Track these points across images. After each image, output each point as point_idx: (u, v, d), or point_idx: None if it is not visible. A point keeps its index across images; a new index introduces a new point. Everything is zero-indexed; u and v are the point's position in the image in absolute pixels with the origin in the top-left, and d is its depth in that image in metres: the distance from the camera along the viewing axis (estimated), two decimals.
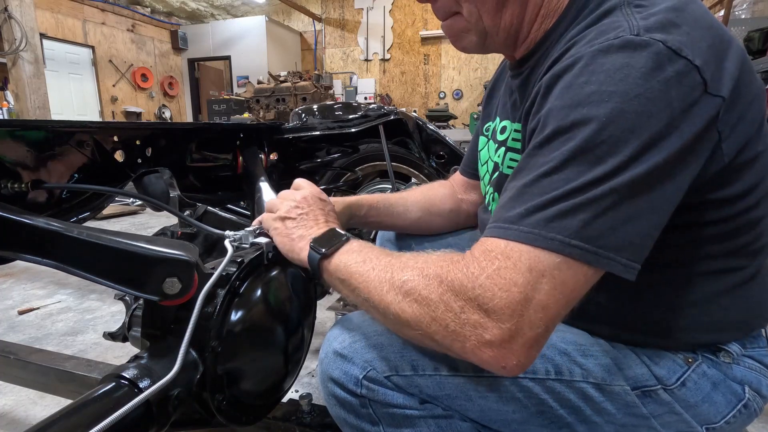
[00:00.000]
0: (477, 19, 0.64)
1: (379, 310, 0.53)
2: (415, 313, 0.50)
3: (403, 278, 0.51)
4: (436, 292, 0.48)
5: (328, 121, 1.65)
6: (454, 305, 0.47)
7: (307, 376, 1.50)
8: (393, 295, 0.51)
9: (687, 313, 0.59)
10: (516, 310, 0.45)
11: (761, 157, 0.54)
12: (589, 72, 0.48)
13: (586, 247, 0.45)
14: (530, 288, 0.45)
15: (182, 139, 1.29)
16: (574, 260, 0.46)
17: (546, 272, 0.45)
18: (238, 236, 0.77)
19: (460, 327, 0.46)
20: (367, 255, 0.57)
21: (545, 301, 0.45)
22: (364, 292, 0.55)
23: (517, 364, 0.46)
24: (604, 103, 0.46)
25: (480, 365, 0.47)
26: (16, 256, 0.66)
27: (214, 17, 9.65)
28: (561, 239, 0.45)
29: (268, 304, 0.79)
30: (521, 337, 0.45)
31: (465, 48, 0.69)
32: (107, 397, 0.58)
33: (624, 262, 0.47)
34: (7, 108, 5.46)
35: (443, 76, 8.81)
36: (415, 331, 0.50)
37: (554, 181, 0.47)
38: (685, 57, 0.46)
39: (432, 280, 0.49)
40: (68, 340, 1.81)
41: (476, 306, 0.46)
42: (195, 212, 1.11)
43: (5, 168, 0.85)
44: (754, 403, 0.61)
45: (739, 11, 4.15)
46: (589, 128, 0.46)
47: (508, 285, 0.45)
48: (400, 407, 0.61)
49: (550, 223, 0.46)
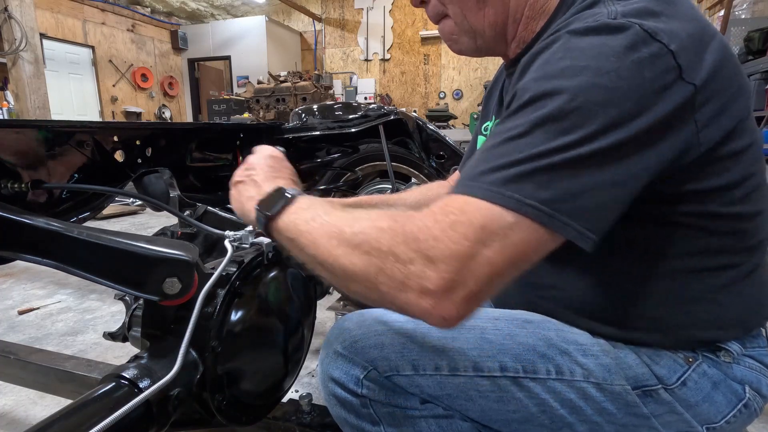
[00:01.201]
0: (462, 19, 0.66)
1: (327, 265, 0.52)
2: (363, 264, 0.49)
3: (354, 230, 0.50)
4: (387, 243, 0.48)
5: (328, 121, 1.65)
6: (404, 256, 0.46)
7: (307, 376, 1.50)
8: (342, 249, 0.50)
9: (685, 309, 0.59)
10: (462, 262, 0.45)
11: (749, 150, 0.55)
12: (565, 49, 0.50)
13: (541, 208, 0.46)
14: (480, 243, 0.45)
15: (182, 139, 1.29)
16: (529, 220, 0.46)
17: (499, 230, 0.46)
18: (238, 236, 0.77)
19: (406, 277, 0.46)
20: (316, 212, 0.55)
21: (493, 258, 0.45)
22: (311, 250, 0.53)
23: (456, 315, 0.46)
24: (576, 77, 0.48)
25: (421, 317, 0.47)
26: (16, 256, 0.66)
27: (214, 17, 9.65)
28: (518, 198, 0.46)
29: (268, 304, 0.79)
30: (463, 289, 0.45)
31: (462, 51, 0.71)
32: (107, 397, 0.58)
33: (579, 228, 0.47)
34: (7, 108, 5.46)
35: (443, 76, 8.81)
36: (362, 285, 0.50)
37: (519, 145, 0.48)
38: (660, 41, 0.47)
39: (384, 232, 0.48)
40: (68, 340, 1.81)
41: (424, 257, 0.45)
42: (195, 212, 1.11)
43: (5, 168, 0.85)
44: (755, 402, 0.61)
45: (739, 11, 4.15)
46: (559, 98, 0.48)
47: (459, 238, 0.45)
48: (401, 407, 0.61)
49: (509, 183, 0.47)
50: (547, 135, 0.47)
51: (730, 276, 0.58)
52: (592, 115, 0.46)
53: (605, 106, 0.46)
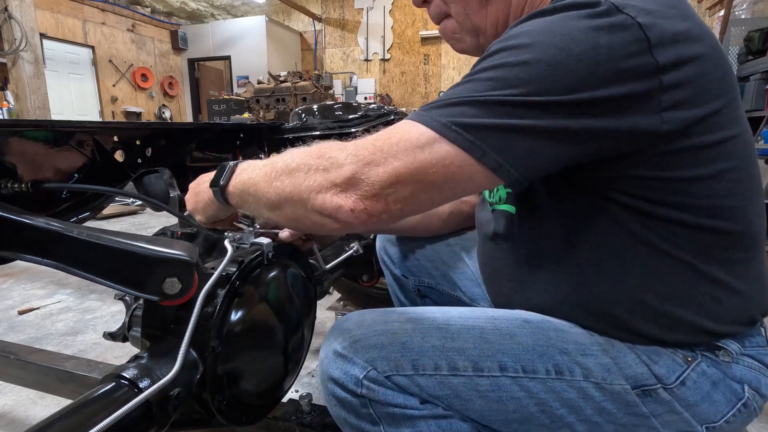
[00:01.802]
0: (465, 18, 0.68)
1: (265, 199, 0.59)
2: (290, 181, 0.55)
3: (285, 159, 0.58)
4: (313, 160, 0.54)
5: (328, 121, 1.65)
6: (323, 165, 0.52)
7: (307, 376, 1.50)
8: (275, 178, 0.57)
9: (680, 302, 0.59)
10: (366, 162, 0.50)
11: (730, 142, 0.55)
12: (530, 21, 0.53)
13: (462, 133, 0.48)
14: (389, 155, 0.49)
15: (182, 139, 1.29)
16: (447, 141, 0.49)
17: (411, 146, 0.49)
18: (238, 236, 0.77)
19: (324, 180, 0.52)
20: (255, 165, 0.63)
21: (398, 167, 0.49)
22: (254, 192, 0.61)
23: (364, 210, 0.51)
24: (531, 36, 0.50)
25: (334, 213, 0.52)
26: (16, 256, 0.66)
27: (214, 17, 9.65)
28: (443, 121, 0.49)
29: (268, 304, 0.79)
30: (366, 186, 0.50)
31: (464, 50, 0.72)
32: (107, 397, 0.58)
33: (499, 160, 0.49)
34: (7, 108, 5.46)
35: (443, 76, 8.81)
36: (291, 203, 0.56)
37: (464, 88, 0.52)
38: (626, 13, 0.48)
39: (311, 153, 0.55)
40: (68, 340, 1.81)
41: (339, 162, 0.51)
42: None
43: (5, 168, 0.85)
44: (754, 402, 0.61)
45: (739, 11, 4.15)
46: (509, 53, 0.50)
47: (375, 150, 0.50)
48: (401, 407, 0.61)
49: (440, 110, 0.50)
50: (490, 81, 0.50)
51: (721, 270, 0.58)
52: (536, 71, 0.48)
53: (551, 65, 0.48)
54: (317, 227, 0.56)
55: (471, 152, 0.48)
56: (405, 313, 0.67)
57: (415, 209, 0.54)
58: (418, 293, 1.07)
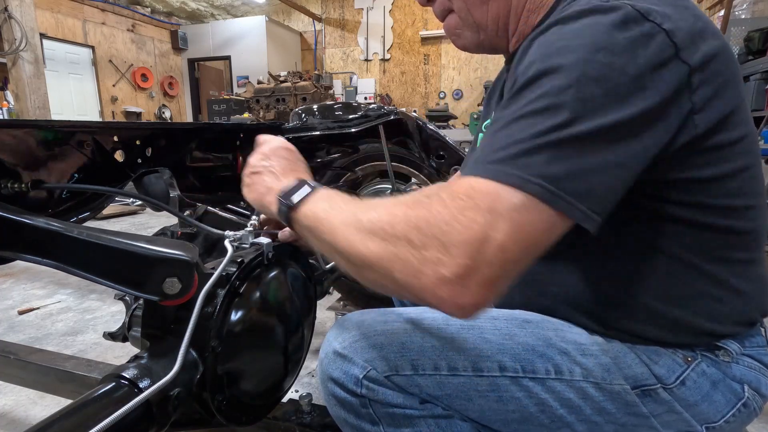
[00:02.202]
0: (466, 14, 0.68)
1: (344, 252, 0.53)
2: (378, 250, 0.49)
3: (369, 217, 0.51)
4: (401, 229, 0.48)
5: (328, 121, 1.65)
6: (417, 242, 0.47)
7: (307, 376, 1.50)
8: (359, 235, 0.51)
9: (681, 303, 0.59)
10: (474, 248, 0.45)
11: (743, 141, 0.55)
12: (560, 32, 0.51)
13: (546, 186, 0.46)
14: (489, 227, 0.45)
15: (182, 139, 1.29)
16: (535, 199, 0.46)
17: (505, 212, 0.46)
18: (238, 236, 0.77)
19: (421, 264, 0.46)
20: (335, 202, 0.57)
21: (503, 241, 0.45)
22: (329, 237, 0.55)
23: (473, 303, 0.46)
24: (571, 54, 0.48)
25: (437, 305, 0.47)
26: (16, 256, 0.66)
27: (214, 17, 9.65)
28: (522, 176, 0.46)
29: (268, 304, 0.79)
30: (477, 275, 0.45)
31: (465, 46, 0.72)
32: (107, 397, 0.58)
33: (584, 209, 0.47)
34: (7, 108, 5.46)
35: (443, 76, 8.81)
36: (377, 272, 0.50)
37: (521, 126, 0.49)
38: (653, 20, 0.48)
39: (398, 218, 0.49)
40: (68, 340, 1.81)
41: (437, 243, 0.46)
42: (195, 212, 1.11)
43: (5, 168, 0.85)
44: (754, 402, 0.61)
45: (739, 11, 4.15)
46: (555, 77, 0.48)
47: (468, 223, 0.45)
48: (400, 407, 0.61)
49: (514, 161, 0.47)
50: (546, 114, 0.48)
51: (726, 271, 0.58)
52: (588, 89, 0.47)
53: (600, 82, 0.47)
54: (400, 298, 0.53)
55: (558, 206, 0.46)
56: (405, 313, 0.67)
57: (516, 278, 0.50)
58: None
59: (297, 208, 0.60)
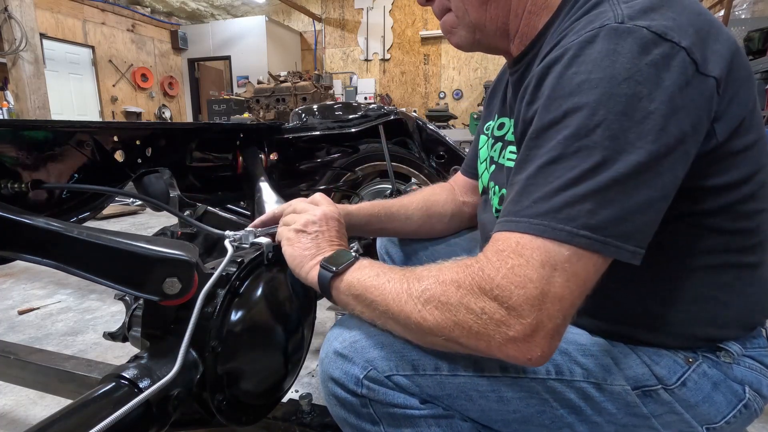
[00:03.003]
0: (464, 13, 0.67)
1: (400, 321, 0.54)
2: (436, 319, 0.50)
3: (421, 288, 0.52)
4: (455, 296, 0.49)
5: (328, 121, 1.65)
6: (475, 307, 0.48)
7: (307, 376, 1.50)
8: (412, 304, 0.52)
9: (685, 307, 0.59)
10: (534, 305, 0.46)
11: (756, 146, 0.54)
12: (578, 62, 0.49)
13: (594, 237, 0.46)
14: (545, 282, 0.46)
15: (182, 139, 1.29)
16: (584, 250, 0.46)
17: (558, 265, 0.46)
18: (238, 236, 0.77)
19: (483, 327, 0.48)
20: (380, 269, 0.58)
21: (560, 293, 0.46)
22: (382, 305, 0.55)
23: (542, 355, 0.48)
24: (593, 90, 0.47)
25: (507, 360, 0.49)
26: (16, 256, 0.66)
27: (214, 17, 9.65)
28: (569, 230, 0.46)
29: (268, 304, 0.79)
30: (543, 330, 0.46)
31: (459, 44, 0.72)
32: (107, 397, 0.58)
33: (632, 249, 0.47)
34: (7, 108, 5.46)
35: (443, 76, 8.81)
36: (439, 338, 0.52)
37: (556, 170, 0.48)
38: (671, 40, 0.47)
39: (449, 286, 0.50)
40: (68, 340, 1.81)
41: (496, 305, 0.47)
42: (195, 212, 1.11)
43: (5, 168, 0.85)
44: (755, 403, 0.61)
45: (739, 11, 4.15)
46: (581, 115, 0.47)
47: (523, 282, 0.46)
48: (401, 407, 0.61)
49: (557, 214, 0.47)
50: (579, 155, 0.47)
51: (732, 274, 0.58)
52: (617, 126, 0.46)
53: (629, 115, 0.46)
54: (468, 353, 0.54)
55: (607, 252, 0.47)
56: None
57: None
58: None
59: (340, 275, 0.60)
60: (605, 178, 0.46)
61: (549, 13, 0.63)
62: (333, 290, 0.61)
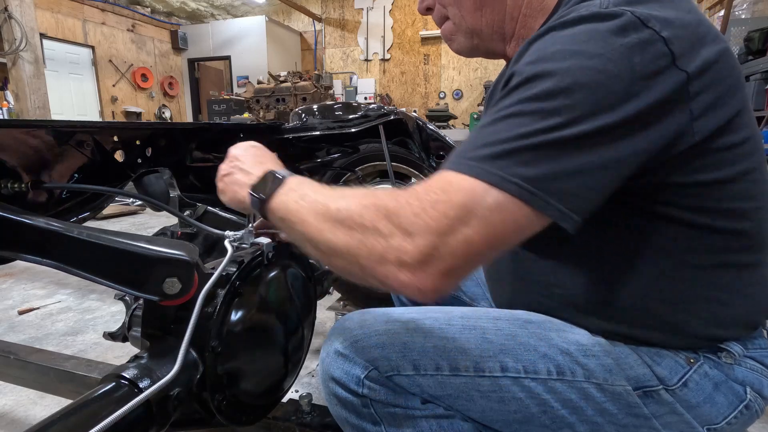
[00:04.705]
0: (460, 20, 0.69)
1: (314, 241, 0.54)
2: (346, 239, 0.51)
3: (339, 207, 0.53)
4: (369, 218, 0.50)
5: (328, 121, 1.64)
6: (385, 230, 0.48)
7: (307, 376, 1.50)
8: (328, 224, 0.53)
9: (686, 307, 0.59)
10: (439, 237, 0.46)
11: (746, 144, 0.54)
12: (558, 37, 0.51)
13: (524, 186, 0.46)
14: (458, 221, 0.46)
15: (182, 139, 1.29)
16: (511, 198, 0.46)
17: (479, 209, 0.46)
18: (238, 236, 0.77)
19: (385, 251, 0.48)
20: (305, 191, 0.58)
21: (471, 236, 0.46)
22: (300, 226, 0.56)
23: (433, 288, 0.47)
24: (566, 60, 0.48)
25: (399, 288, 0.48)
26: (16, 256, 0.66)
27: (214, 17, 9.65)
28: (502, 175, 0.47)
29: (268, 304, 0.79)
30: (439, 262, 0.46)
31: (459, 50, 0.74)
32: (107, 397, 0.58)
33: (562, 209, 0.47)
34: (7, 108, 5.46)
35: (443, 76, 8.81)
36: (344, 259, 0.51)
37: (508, 124, 0.49)
38: (652, 28, 0.48)
39: (368, 209, 0.50)
40: (68, 340, 1.81)
41: (404, 231, 0.47)
42: (195, 212, 1.11)
43: (5, 168, 0.84)
44: (756, 404, 0.61)
45: (739, 11, 4.15)
46: (548, 80, 0.48)
47: (438, 216, 0.46)
48: (402, 407, 0.61)
49: (496, 160, 0.48)
50: (534, 116, 0.48)
51: (732, 274, 0.58)
52: (579, 96, 0.47)
53: (593, 89, 0.47)
54: (368, 285, 0.54)
55: (535, 205, 0.47)
56: (406, 312, 0.67)
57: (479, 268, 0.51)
58: None
59: (269, 199, 0.60)
60: (550, 138, 0.47)
61: (545, 15, 0.64)
62: (267, 213, 0.62)
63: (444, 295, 0.49)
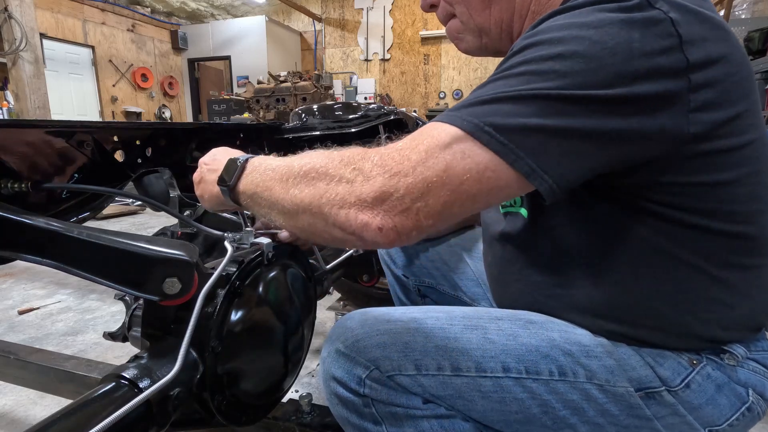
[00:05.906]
0: (468, 18, 0.68)
1: (279, 203, 0.54)
2: (310, 189, 0.50)
3: (302, 163, 0.53)
4: (334, 167, 0.49)
5: (328, 121, 1.64)
6: (350, 175, 0.48)
7: (307, 376, 1.50)
8: (292, 181, 0.52)
9: (690, 308, 0.58)
10: (399, 177, 0.46)
11: (752, 145, 0.54)
12: (562, 14, 0.51)
13: (496, 136, 0.45)
14: (420, 163, 0.46)
15: (182, 139, 1.29)
16: (481, 145, 0.46)
17: (444, 151, 0.46)
18: (238, 236, 0.77)
19: (348, 193, 0.47)
20: (268, 164, 0.58)
21: (430, 176, 0.45)
22: (267, 194, 0.56)
23: (393, 227, 0.46)
24: (562, 30, 0.48)
25: (360, 231, 0.47)
26: (16, 256, 0.65)
27: (214, 17, 9.65)
28: (476, 123, 0.46)
29: (268, 304, 0.79)
30: (398, 202, 0.46)
31: (467, 50, 0.72)
32: (107, 397, 0.57)
33: (532, 164, 0.46)
34: (7, 108, 5.46)
35: (443, 76, 8.81)
36: (309, 213, 0.51)
37: (496, 86, 0.49)
38: (659, 8, 0.47)
39: (334, 159, 0.51)
40: (68, 340, 1.81)
41: (366, 175, 0.47)
42: (195, 212, 1.11)
43: (5, 168, 0.84)
44: (758, 406, 0.60)
45: (739, 11, 4.15)
46: (541, 47, 0.48)
47: (400, 159, 0.46)
48: (403, 407, 0.61)
49: (469, 107, 0.48)
50: (521, 78, 0.48)
51: (736, 276, 0.58)
52: (570, 63, 0.46)
53: (586, 59, 0.46)
54: (337, 243, 0.52)
55: (504, 156, 0.45)
56: (408, 312, 0.67)
57: (447, 223, 0.49)
58: (419, 293, 1.07)
59: (236, 185, 0.61)
60: (533, 92, 0.46)
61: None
62: (238, 200, 0.62)
63: (408, 242, 0.48)
